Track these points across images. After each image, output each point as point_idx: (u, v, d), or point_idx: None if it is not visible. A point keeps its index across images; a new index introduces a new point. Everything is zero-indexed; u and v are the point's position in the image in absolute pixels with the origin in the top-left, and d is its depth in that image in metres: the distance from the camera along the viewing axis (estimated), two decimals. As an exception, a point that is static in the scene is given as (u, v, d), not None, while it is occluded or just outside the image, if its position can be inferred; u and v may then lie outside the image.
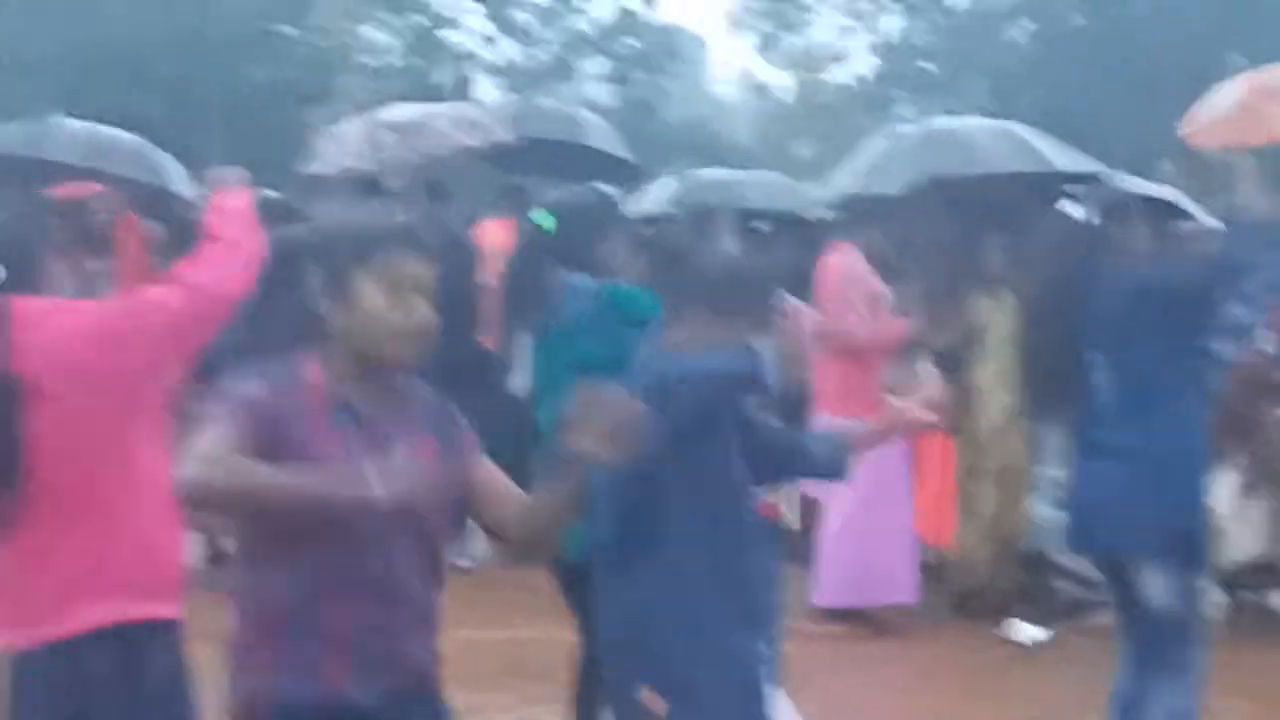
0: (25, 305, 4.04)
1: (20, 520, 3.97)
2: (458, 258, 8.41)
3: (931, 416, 4.47)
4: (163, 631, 4.08)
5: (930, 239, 8.34)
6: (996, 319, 7.90)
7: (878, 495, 7.70)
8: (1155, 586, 5.01)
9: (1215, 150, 6.07)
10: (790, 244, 7.92)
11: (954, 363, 7.97)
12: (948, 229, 8.26)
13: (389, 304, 3.34)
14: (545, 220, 5.49)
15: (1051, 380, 5.20)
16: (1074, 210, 5.26)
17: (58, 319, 4.06)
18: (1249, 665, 6.99)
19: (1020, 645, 7.56)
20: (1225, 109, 5.87)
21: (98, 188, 4.59)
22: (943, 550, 8.08)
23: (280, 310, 4.74)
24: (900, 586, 7.78)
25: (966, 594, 8.07)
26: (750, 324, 4.14)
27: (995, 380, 7.92)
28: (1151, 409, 5.00)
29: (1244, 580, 7.99)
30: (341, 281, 3.36)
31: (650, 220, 9.34)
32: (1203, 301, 4.96)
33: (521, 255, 5.64)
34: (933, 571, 8.24)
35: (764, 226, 8.64)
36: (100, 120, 9.10)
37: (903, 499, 7.87)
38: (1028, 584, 7.94)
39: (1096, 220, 5.20)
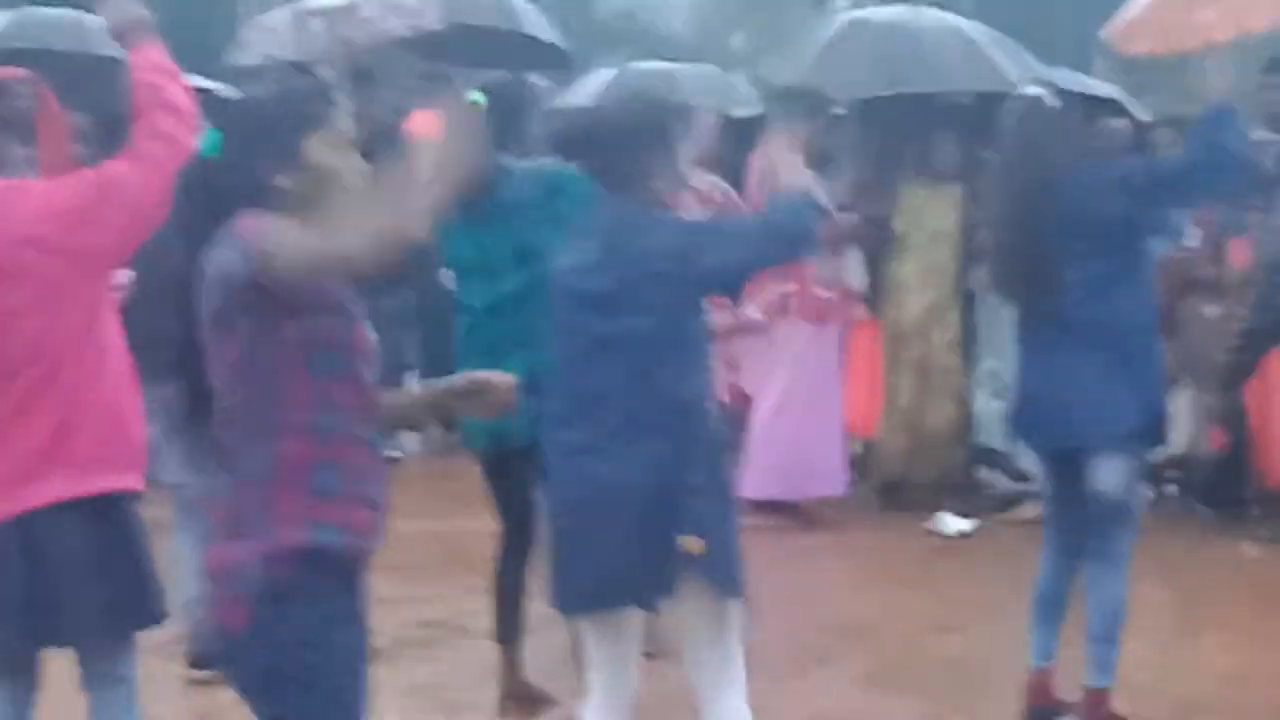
0: None
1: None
2: (385, 146, 8.34)
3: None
4: (125, 502, 4.15)
5: (871, 136, 8.34)
6: (930, 212, 7.93)
7: (807, 387, 7.76)
8: (1110, 477, 5.08)
9: (1142, 54, 6.06)
10: (723, 139, 7.89)
11: (881, 254, 8.03)
12: (892, 129, 8.26)
13: (343, 162, 3.39)
14: (477, 98, 5.44)
15: (1019, 271, 5.21)
16: (1038, 93, 5.23)
17: (17, 199, 4.08)
18: (1169, 558, 7.12)
19: (946, 538, 7.66)
20: (1141, 14, 5.85)
21: (19, 72, 4.54)
22: (869, 441, 8.17)
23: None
24: (830, 479, 7.86)
25: (888, 485, 8.17)
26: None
27: (920, 273, 7.97)
28: (1115, 303, 5.06)
29: (1165, 473, 8.12)
30: (293, 149, 3.37)
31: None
32: (1151, 201, 5.07)
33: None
34: (860, 463, 8.34)
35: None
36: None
37: (832, 391, 7.92)
38: (954, 476, 8.04)
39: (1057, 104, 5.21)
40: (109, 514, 4.10)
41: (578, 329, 4.17)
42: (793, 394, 7.74)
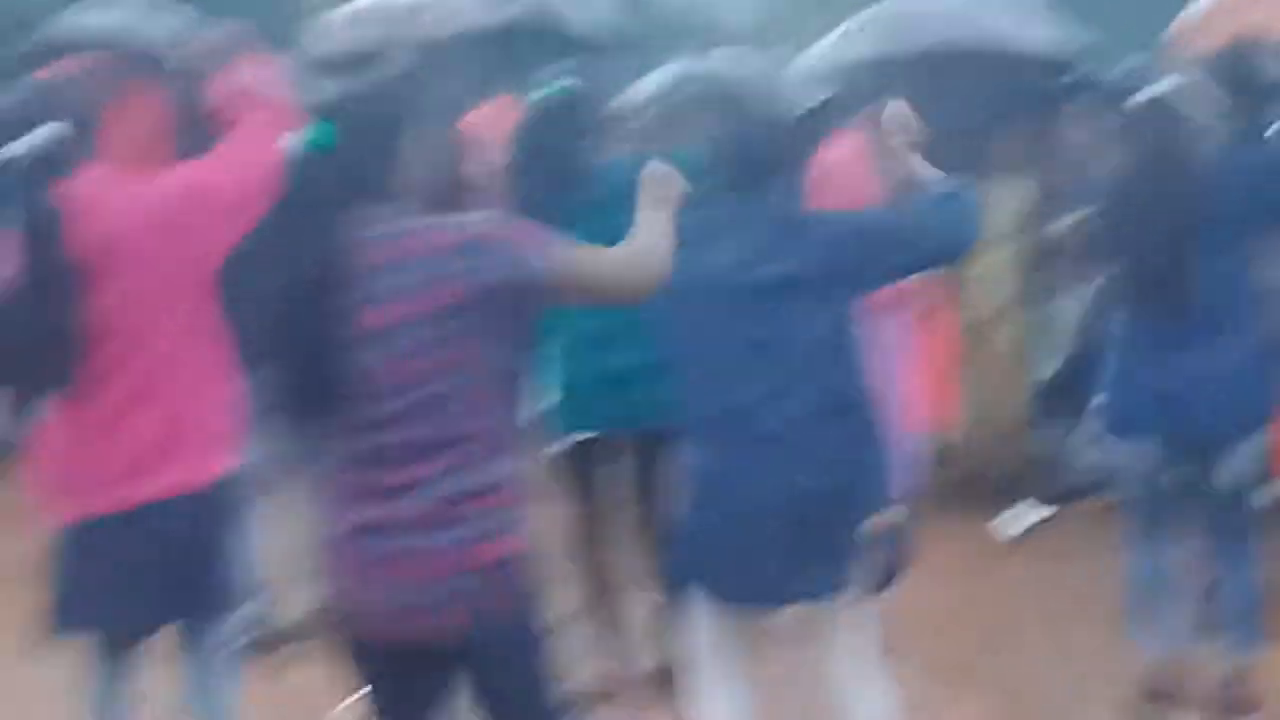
0: (81, 186, 4.14)
1: (87, 395, 4.12)
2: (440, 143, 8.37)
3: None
4: (228, 485, 4.28)
5: (939, 122, 8.23)
6: (1001, 207, 7.86)
7: (880, 381, 7.69)
8: (1245, 465, 5.19)
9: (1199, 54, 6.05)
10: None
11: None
12: (960, 111, 8.17)
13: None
14: (568, 88, 5.41)
15: (1155, 272, 5.18)
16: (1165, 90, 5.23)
17: (116, 199, 4.19)
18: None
19: (1018, 533, 7.60)
20: (1197, 18, 5.92)
21: (87, 61, 4.59)
22: (945, 435, 8.12)
23: None
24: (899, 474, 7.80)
25: (965, 480, 8.11)
26: None
27: (996, 267, 7.92)
28: (1250, 290, 5.15)
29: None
30: (411, 141, 3.50)
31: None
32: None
33: (534, 132, 5.52)
34: (935, 458, 8.28)
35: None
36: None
37: (889, 388, 7.87)
38: (1027, 472, 7.98)
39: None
40: (214, 498, 4.25)
41: (737, 329, 4.12)
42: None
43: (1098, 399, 5.50)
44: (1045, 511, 7.71)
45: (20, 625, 5.80)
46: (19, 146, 4.11)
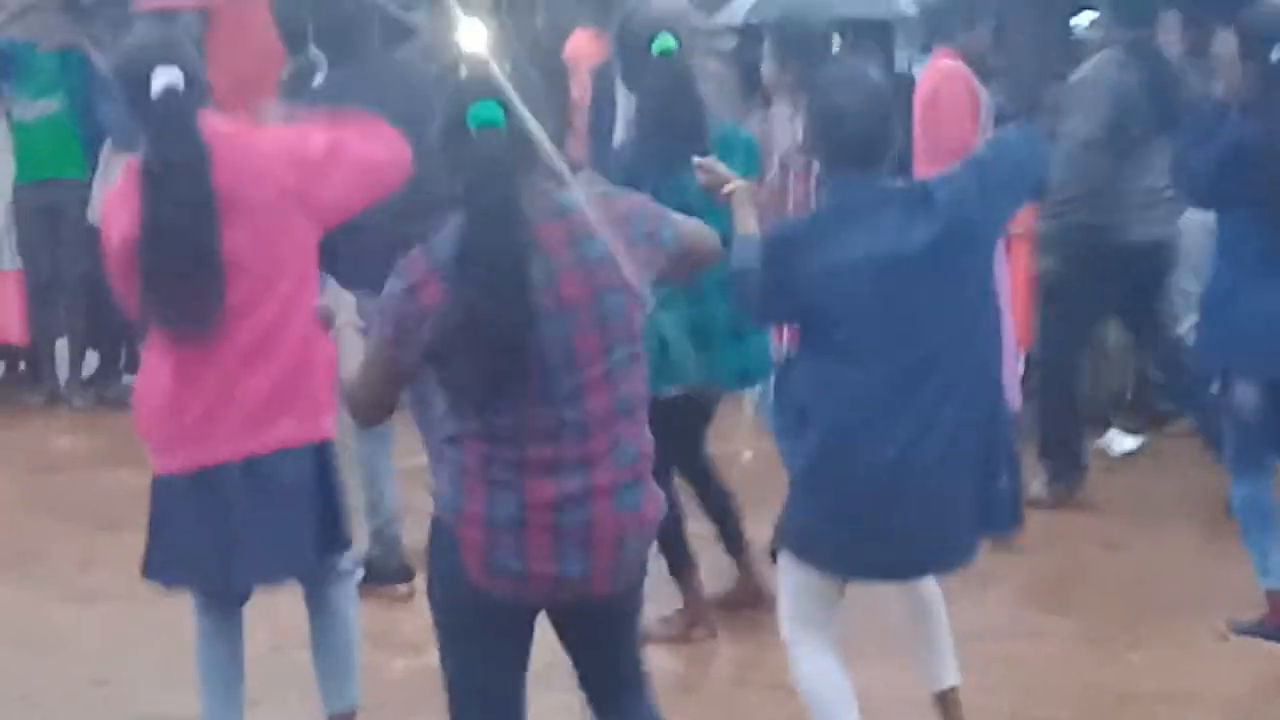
0: (215, 122, 4.24)
1: (214, 340, 4.19)
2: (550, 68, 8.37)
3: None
4: (330, 450, 4.37)
5: (1021, 35, 8.17)
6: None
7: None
8: None
9: None
10: (877, 52, 7.75)
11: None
12: (1042, 22, 8.10)
13: None
14: (667, 44, 5.40)
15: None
16: None
17: (250, 138, 4.29)
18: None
19: (1114, 457, 7.58)
20: None
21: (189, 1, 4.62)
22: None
23: None
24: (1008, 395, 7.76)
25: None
26: None
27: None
28: None
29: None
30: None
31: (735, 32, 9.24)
32: None
33: (664, 91, 5.41)
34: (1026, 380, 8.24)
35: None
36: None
37: (1001, 307, 7.82)
38: (1123, 394, 7.93)
39: None
40: (324, 451, 4.35)
41: (892, 305, 4.10)
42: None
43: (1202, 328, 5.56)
44: (1133, 443, 7.67)
45: (127, 568, 5.99)
46: (162, 78, 4.16)
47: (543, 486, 3.43)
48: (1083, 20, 8.34)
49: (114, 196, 4.32)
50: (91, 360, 9.14)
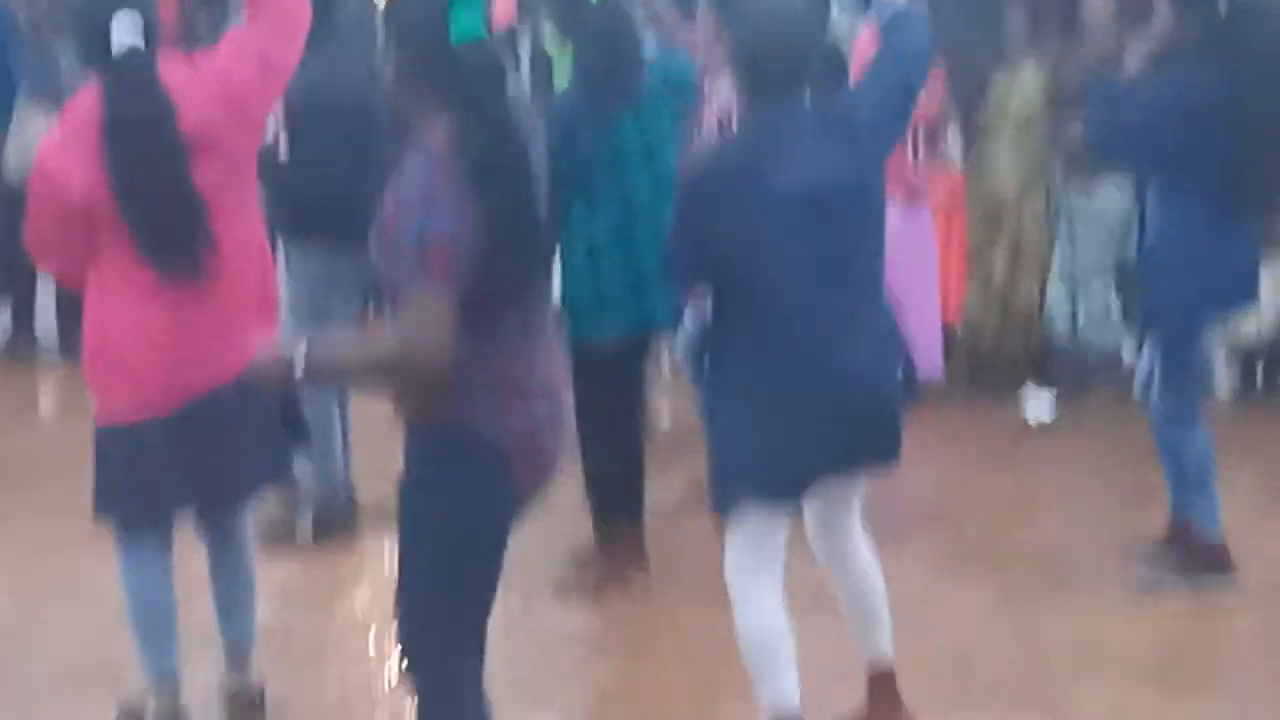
0: (165, 61, 4.26)
1: (188, 282, 4.24)
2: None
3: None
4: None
5: (950, 11, 8.16)
6: (1016, 92, 7.79)
7: (904, 271, 7.65)
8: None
9: None
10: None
11: (975, 135, 7.91)
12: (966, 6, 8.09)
13: None
14: None
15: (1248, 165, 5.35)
16: None
17: (186, 74, 4.27)
18: (1254, 440, 7.07)
19: (1029, 422, 7.61)
20: None
21: None
22: (953, 325, 8.10)
23: None
24: (927, 364, 7.78)
25: (976, 366, 8.09)
26: None
27: (1011, 152, 7.85)
28: None
29: (1260, 351, 8.00)
30: None
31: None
32: None
33: (604, 31, 5.43)
34: (946, 346, 8.27)
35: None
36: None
37: (929, 273, 7.86)
38: (1038, 356, 7.96)
39: None
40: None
41: (822, 230, 4.17)
42: (888, 280, 7.64)
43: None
44: (1048, 408, 7.71)
45: (30, 526, 5.91)
46: (124, 31, 4.14)
47: (552, 380, 3.66)
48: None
49: (54, 148, 4.25)
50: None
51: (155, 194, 4.16)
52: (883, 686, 4.55)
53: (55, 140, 4.27)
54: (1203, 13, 5.39)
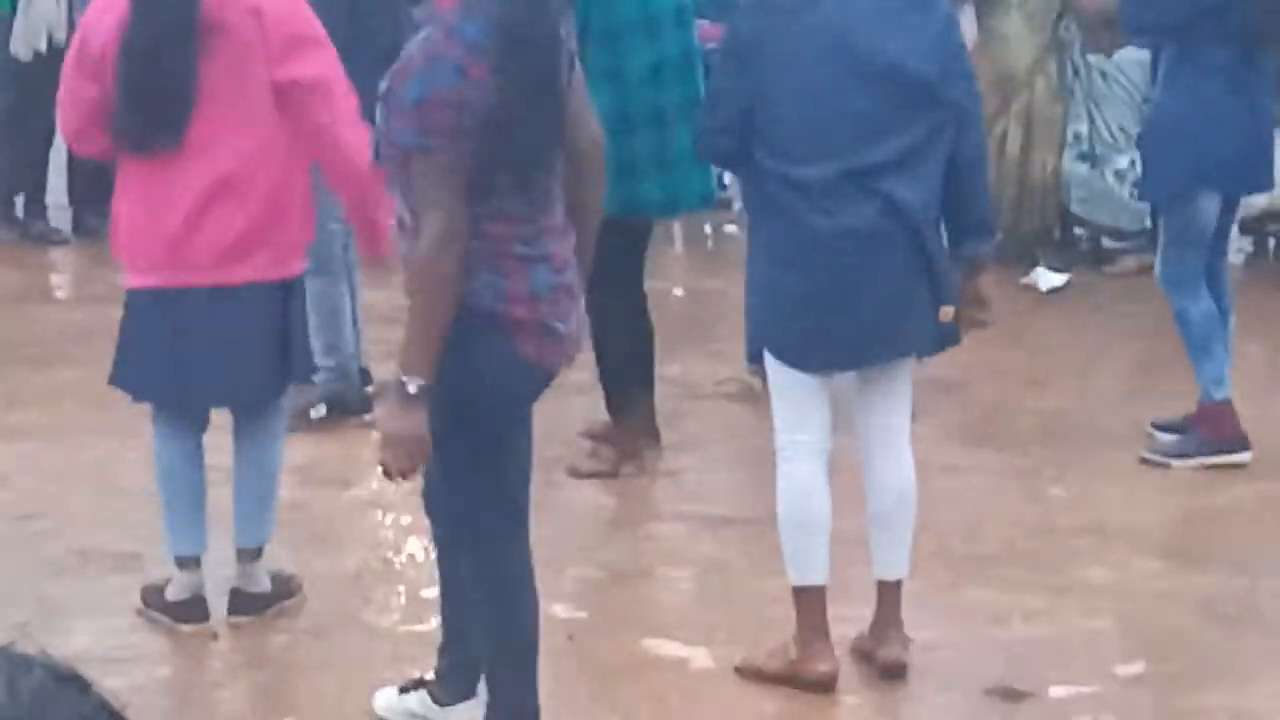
0: None
1: (184, 166, 4.29)
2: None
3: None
4: (291, 287, 4.50)
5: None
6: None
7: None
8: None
9: None
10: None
11: (988, 6, 7.86)
12: None
13: None
14: None
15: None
16: None
17: None
18: (1265, 311, 7.07)
19: (1041, 293, 7.63)
20: None
21: None
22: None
23: None
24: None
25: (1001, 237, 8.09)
26: None
27: (1023, 22, 7.80)
28: None
29: (1263, 225, 8.00)
30: None
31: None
32: None
33: None
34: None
35: None
36: None
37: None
38: (1051, 230, 7.97)
39: None
40: (290, 288, 4.49)
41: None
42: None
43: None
44: (1060, 279, 7.72)
45: (57, 405, 5.97)
46: None
47: (557, 252, 3.65)
48: None
49: (99, 5, 4.41)
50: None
51: (149, 60, 4.25)
52: (885, 596, 4.39)
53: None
54: None
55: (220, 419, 4.67)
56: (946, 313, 4.24)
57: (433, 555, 4.21)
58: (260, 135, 4.34)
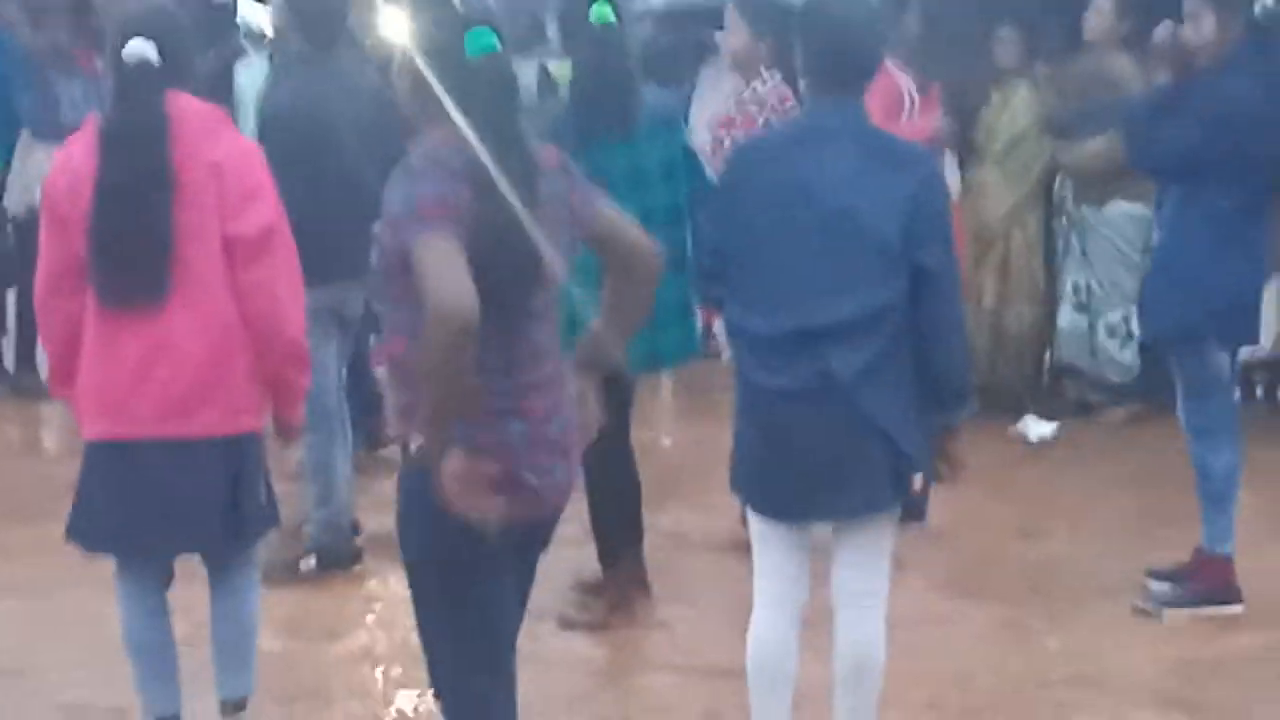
0: (189, 102, 4.32)
1: (152, 316, 4.26)
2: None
3: None
4: (244, 443, 4.41)
5: (946, 32, 8.24)
6: (1006, 114, 7.84)
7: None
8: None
9: None
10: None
11: (968, 157, 7.97)
12: (963, 20, 8.16)
13: None
14: (604, 14, 5.38)
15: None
16: None
17: (216, 125, 4.37)
18: (1255, 459, 7.07)
19: (1029, 443, 7.64)
20: None
21: None
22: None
23: None
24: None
25: (982, 389, 8.12)
26: None
27: (1001, 174, 7.90)
28: None
29: (1250, 374, 8.04)
30: None
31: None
32: None
33: (597, 63, 5.42)
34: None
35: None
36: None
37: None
38: (1036, 380, 8.00)
39: None
40: (243, 443, 4.40)
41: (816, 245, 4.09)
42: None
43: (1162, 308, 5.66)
44: (1049, 429, 7.74)
45: (41, 560, 5.93)
46: (136, 50, 4.23)
47: (537, 406, 3.58)
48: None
49: (64, 160, 4.38)
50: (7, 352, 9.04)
51: (124, 209, 4.21)
52: None
53: (65, 152, 4.42)
54: (1243, 19, 5.44)
55: (199, 572, 4.63)
56: (916, 482, 4.19)
57: (423, 709, 4.17)
58: (211, 295, 4.30)
